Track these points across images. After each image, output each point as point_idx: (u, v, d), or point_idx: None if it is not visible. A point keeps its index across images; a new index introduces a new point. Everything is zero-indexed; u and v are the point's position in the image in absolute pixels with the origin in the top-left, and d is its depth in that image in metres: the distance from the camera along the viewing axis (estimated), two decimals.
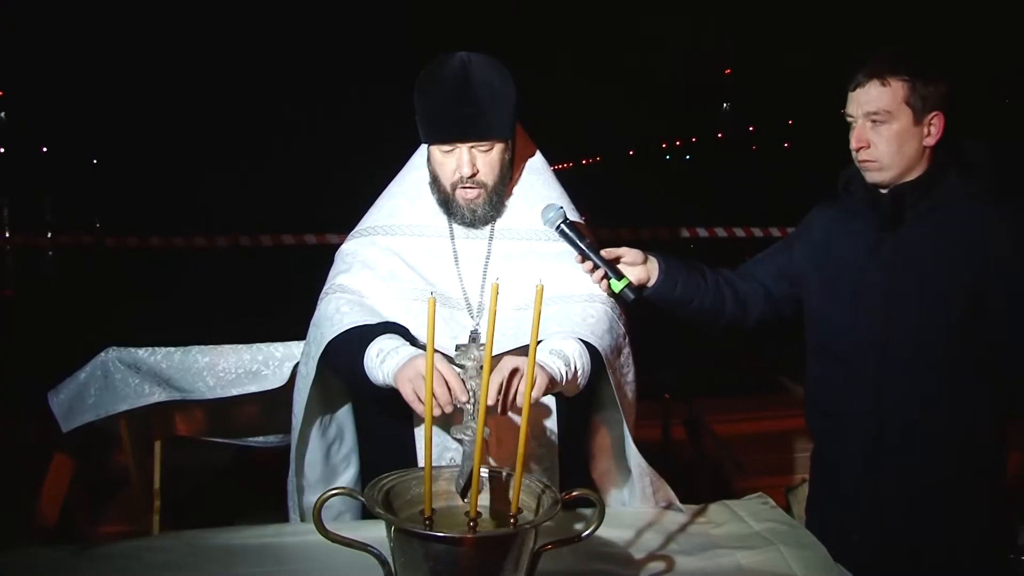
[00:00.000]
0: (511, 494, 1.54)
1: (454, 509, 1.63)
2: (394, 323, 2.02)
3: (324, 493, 1.55)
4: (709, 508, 2.27)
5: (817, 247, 2.39)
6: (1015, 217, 2.15)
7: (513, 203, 2.19)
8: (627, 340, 2.18)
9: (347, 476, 2.38)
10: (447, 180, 2.10)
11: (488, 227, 2.16)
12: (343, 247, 2.22)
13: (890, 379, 2.24)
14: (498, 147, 2.08)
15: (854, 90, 2.19)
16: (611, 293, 2.15)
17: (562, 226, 2.11)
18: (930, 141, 2.15)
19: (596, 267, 2.13)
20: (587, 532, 1.62)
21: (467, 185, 2.08)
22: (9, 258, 18.51)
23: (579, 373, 1.96)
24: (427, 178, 2.17)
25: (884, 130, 2.14)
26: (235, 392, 2.23)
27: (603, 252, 2.15)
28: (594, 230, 2.28)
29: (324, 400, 2.26)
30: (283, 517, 3.23)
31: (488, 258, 2.15)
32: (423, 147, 2.19)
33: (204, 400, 2.31)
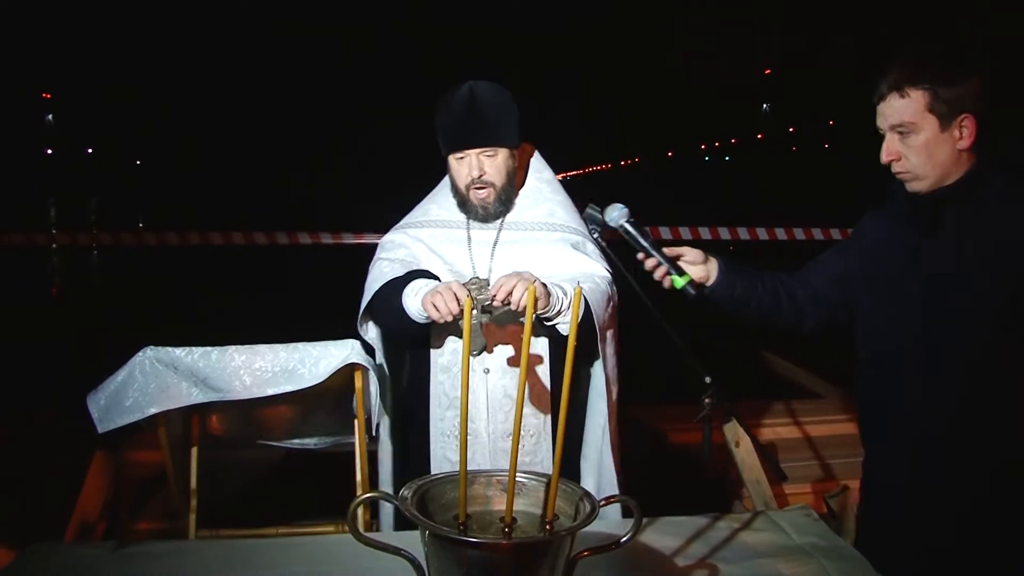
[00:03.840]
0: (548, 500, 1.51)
1: (490, 514, 1.60)
2: (423, 271, 2.47)
3: (358, 497, 1.54)
4: (748, 517, 2.23)
5: (865, 253, 2.35)
6: None
7: (521, 203, 2.57)
8: (614, 322, 2.49)
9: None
10: (462, 183, 2.48)
11: (498, 221, 2.54)
12: (385, 237, 2.66)
13: (934, 385, 2.18)
14: (502, 153, 2.46)
15: (878, 103, 2.12)
16: (673, 289, 2.31)
17: (625, 224, 2.33)
18: (964, 144, 2.05)
19: (659, 264, 2.30)
20: (624, 539, 1.59)
21: (478, 185, 2.46)
22: (55, 257, 18.92)
23: (569, 304, 2.24)
24: (451, 188, 2.57)
25: (911, 140, 2.07)
26: (271, 391, 2.23)
27: (665, 250, 2.30)
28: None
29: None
30: (315, 518, 3.24)
31: (496, 243, 2.52)
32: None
33: (241, 401, 2.31)
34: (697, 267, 2.34)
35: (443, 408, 2.48)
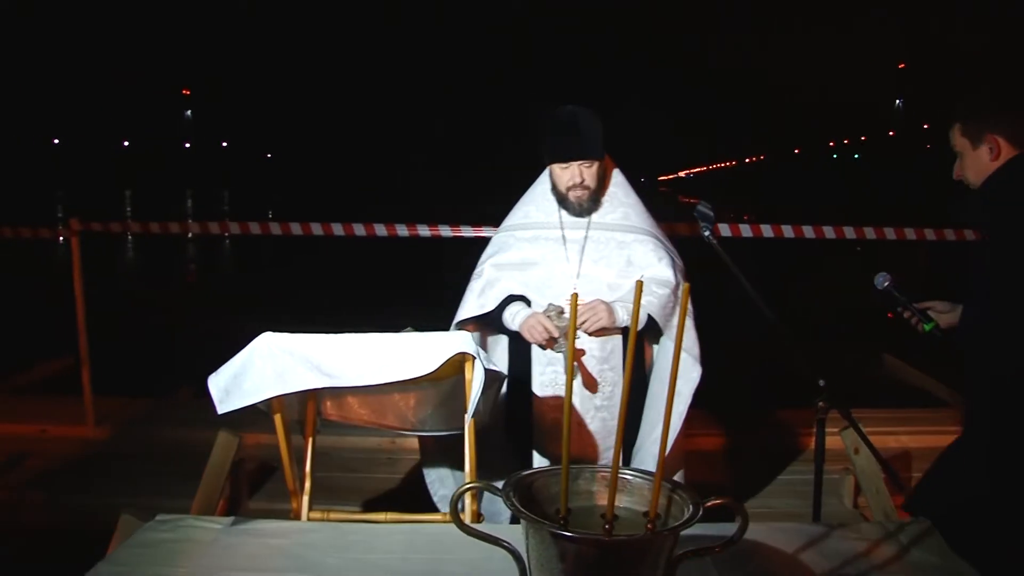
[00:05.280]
0: (649, 497, 1.49)
1: (592, 509, 1.59)
2: (517, 297, 3.09)
3: (461, 486, 1.55)
4: (862, 526, 2.15)
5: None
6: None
7: (604, 205, 3.12)
8: (678, 309, 3.03)
9: None
10: (563, 186, 3.05)
11: (587, 219, 3.09)
12: (494, 238, 3.26)
13: (999, 381, 2.68)
14: (596, 164, 3.03)
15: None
16: (923, 333, 2.88)
17: (888, 287, 2.90)
18: (993, 156, 2.72)
19: (913, 315, 2.88)
20: (729, 542, 1.56)
21: (577, 189, 3.03)
22: (191, 246, 19.88)
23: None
24: (547, 191, 3.14)
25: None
26: (385, 379, 2.27)
27: (920, 304, 2.88)
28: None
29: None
30: (426, 505, 3.30)
31: (585, 240, 3.08)
32: (543, 174, 3.17)
33: (355, 387, 2.36)
34: (946, 315, 2.83)
35: (543, 364, 3.08)
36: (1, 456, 4.68)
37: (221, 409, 2.22)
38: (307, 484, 2.58)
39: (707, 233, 2.96)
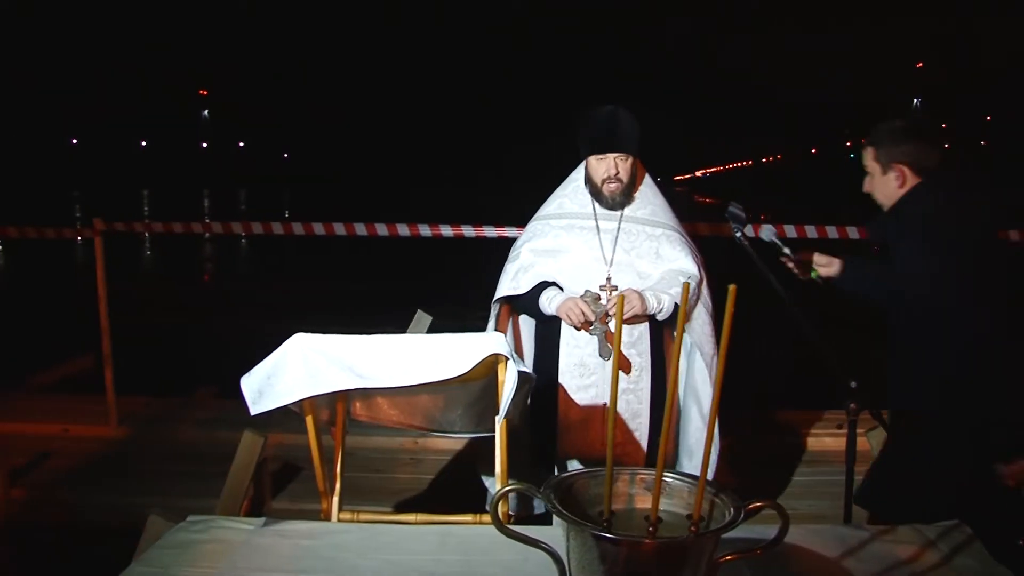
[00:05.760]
0: (689, 500, 1.47)
1: (631, 512, 1.58)
2: (550, 282, 3.23)
3: (501, 488, 1.54)
4: (899, 530, 2.12)
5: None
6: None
7: (636, 200, 3.30)
8: (703, 303, 3.29)
9: None
10: (599, 179, 3.22)
11: (619, 212, 3.26)
12: (529, 225, 3.42)
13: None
14: (630, 160, 3.21)
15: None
16: (806, 280, 3.08)
17: (775, 239, 3.12)
18: (898, 183, 2.94)
19: (796, 264, 3.08)
20: (771, 543, 1.53)
21: (612, 181, 3.20)
22: (208, 246, 19.96)
23: (663, 310, 3.16)
24: (581, 184, 3.33)
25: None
26: (419, 380, 2.25)
27: (802, 255, 3.08)
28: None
29: None
30: (452, 506, 3.29)
31: (618, 231, 3.25)
32: (578, 167, 3.35)
33: (387, 388, 2.35)
34: (824, 268, 3.04)
35: (570, 347, 3.21)
36: (25, 455, 4.70)
37: (254, 410, 2.21)
38: (337, 485, 2.57)
39: (739, 234, 3.02)
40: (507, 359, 2.29)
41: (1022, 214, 4.98)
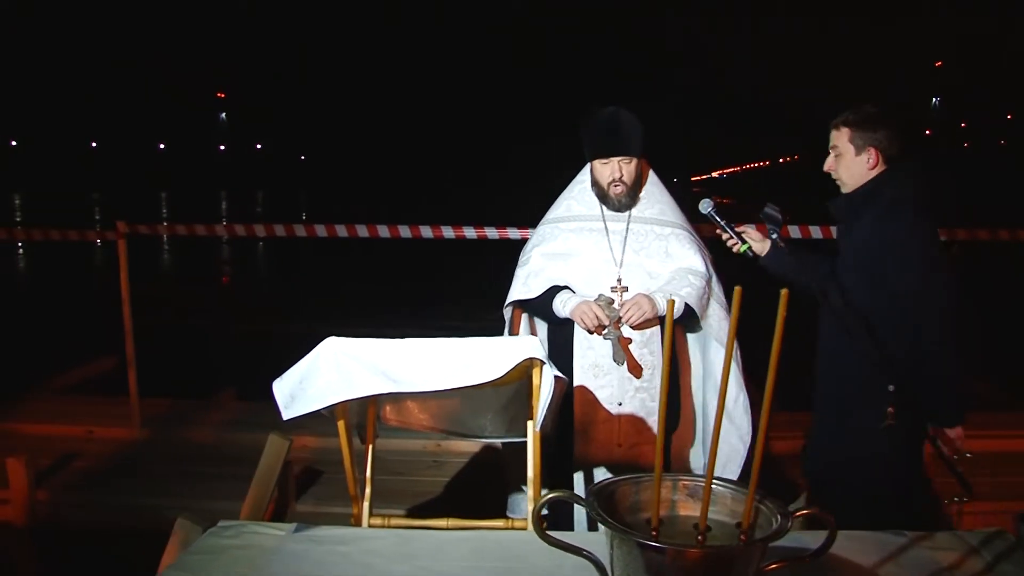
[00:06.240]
0: (733, 506, 1.45)
1: (676, 518, 1.55)
2: (563, 286, 3.21)
3: (544, 496, 1.51)
4: (938, 536, 2.07)
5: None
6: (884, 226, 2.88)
7: (642, 200, 3.30)
8: (716, 299, 3.29)
9: None
10: (604, 182, 3.22)
11: (627, 213, 3.27)
12: (538, 229, 3.42)
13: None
14: (634, 161, 3.20)
15: (831, 131, 3.06)
16: (738, 253, 3.12)
17: (711, 211, 3.14)
18: (870, 166, 2.97)
19: (731, 237, 3.13)
20: (818, 552, 1.50)
21: (617, 184, 3.19)
22: (224, 249, 20.03)
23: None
24: (587, 186, 3.31)
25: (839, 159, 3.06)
26: (453, 384, 2.21)
27: (736, 227, 3.15)
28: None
29: None
30: (475, 509, 3.26)
31: (627, 232, 3.25)
32: (584, 169, 3.33)
33: (419, 392, 2.32)
34: (757, 244, 3.11)
35: (584, 348, 3.19)
36: (49, 457, 4.71)
37: (286, 415, 2.18)
38: (368, 490, 2.54)
39: (774, 236, 3.05)
40: (542, 363, 2.26)
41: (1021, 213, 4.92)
